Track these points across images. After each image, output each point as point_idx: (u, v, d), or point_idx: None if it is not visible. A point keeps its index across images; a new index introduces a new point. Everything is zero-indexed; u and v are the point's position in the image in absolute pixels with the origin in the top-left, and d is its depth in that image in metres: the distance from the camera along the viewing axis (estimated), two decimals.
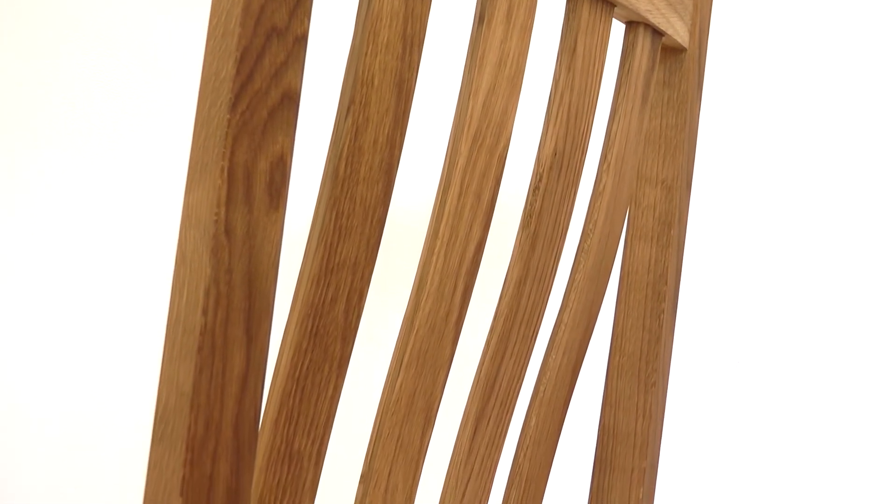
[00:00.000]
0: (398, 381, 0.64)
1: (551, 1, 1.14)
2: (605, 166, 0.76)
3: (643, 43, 0.78)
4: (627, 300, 0.83)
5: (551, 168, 0.70)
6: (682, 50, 0.84)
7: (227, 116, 0.49)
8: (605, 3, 0.73)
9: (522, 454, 0.76)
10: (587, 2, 0.71)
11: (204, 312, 0.48)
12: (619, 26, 0.79)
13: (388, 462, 0.65)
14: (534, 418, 0.76)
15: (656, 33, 0.79)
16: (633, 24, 0.78)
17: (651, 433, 0.82)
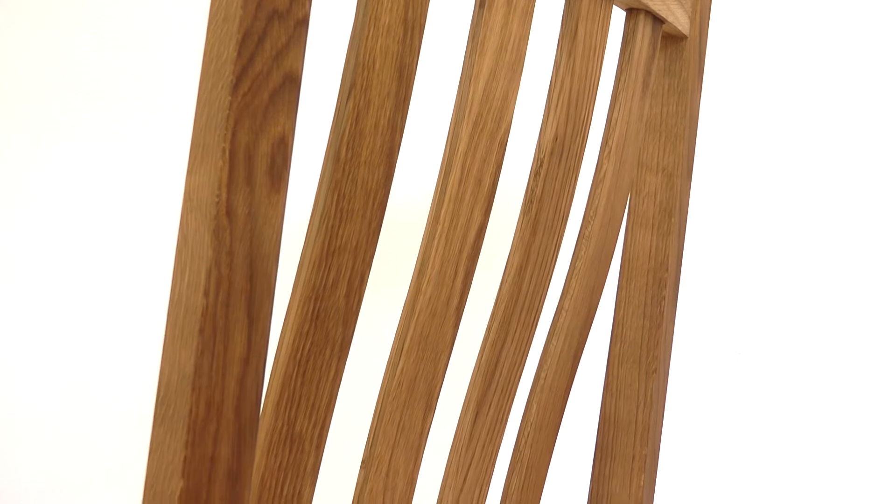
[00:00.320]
0: (399, 366, 0.64)
1: None
2: (605, 153, 0.76)
3: (644, 30, 0.78)
4: (628, 288, 0.83)
5: (552, 153, 0.70)
6: (682, 38, 0.84)
7: (229, 98, 0.49)
8: None
9: (523, 441, 0.77)
10: None
11: (205, 294, 0.49)
12: (619, 13, 0.79)
13: (390, 447, 0.65)
14: (535, 405, 0.76)
15: (657, 20, 0.79)
16: (633, 11, 0.78)
17: (652, 421, 0.82)
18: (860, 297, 1.23)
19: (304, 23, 0.51)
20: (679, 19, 0.82)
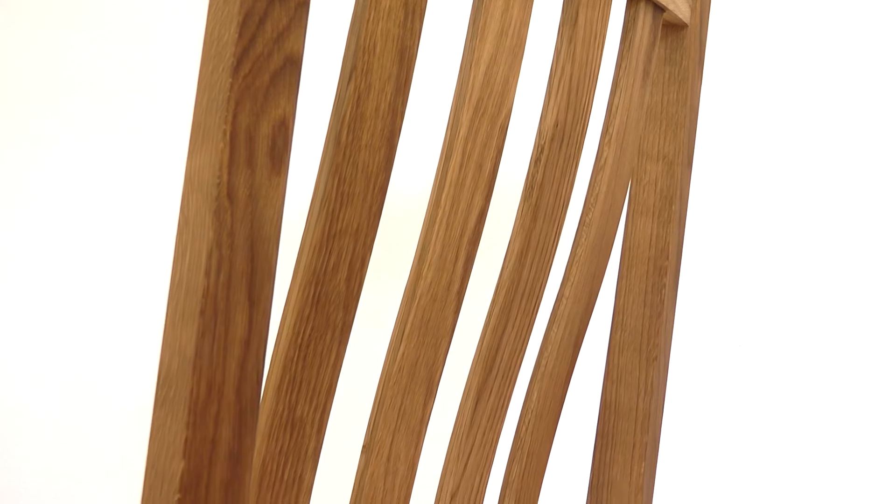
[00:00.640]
0: (400, 351, 0.64)
1: None
2: (606, 140, 0.76)
3: (644, 18, 0.78)
4: (629, 276, 0.83)
5: (552, 139, 0.70)
6: (683, 26, 0.84)
7: (230, 80, 0.49)
8: None
9: (524, 428, 0.77)
10: None
11: (206, 275, 0.49)
12: (620, 1, 0.79)
13: (391, 432, 0.65)
14: (535, 392, 0.76)
15: (658, 9, 0.79)
16: None
17: (652, 408, 0.82)
18: (861, 286, 1.23)
19: (304, 5, 0.51)
20: (680, 7, 0.82)
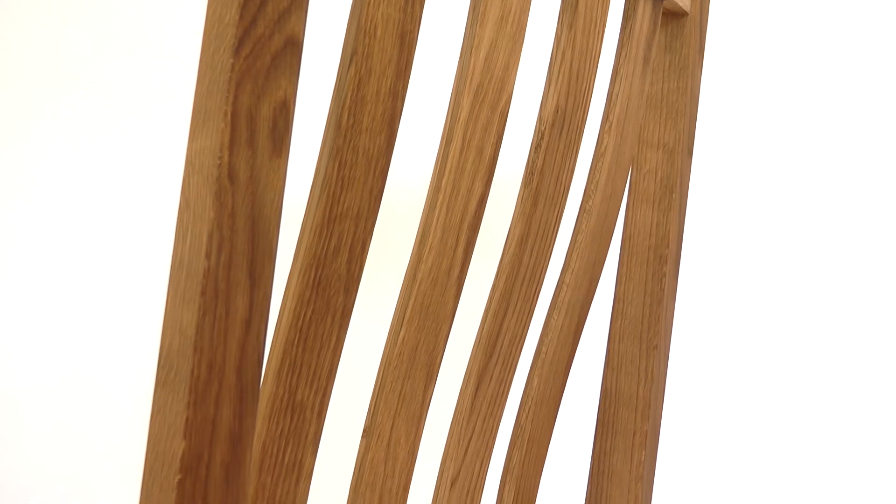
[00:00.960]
0: (400, 335, 0.64)
1: None
2: (606, 127, 0.76)
3: (644, 6, 0.78)
4: (629, 264, 0.83)
5: (553, 125, 0.70)
6: (683, 14, 0.84)
7: (231, 61, 0.49)
8: None
9: (525, 415, 0.77)
10: None
11: (207, 256, 0.49)
12: None
13: (391, 416, 0.65)
14: (536, 379, 0.76)
15: None
16: None
17: (653, 396, 0.82)
18: (860, 272, 1.23)
19: None
20: None
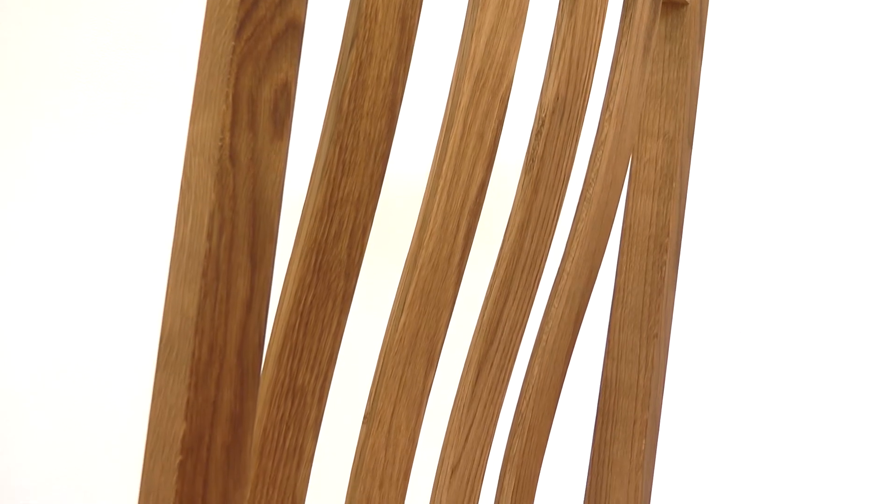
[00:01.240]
0: (401, 321, 0.64)
1: None
2: (606, 115, 0.76)
3: None
4: (629, 253, 0.84)
5: (553, 112, 0.70)
6: (683, 4, 0.84)
7: (233, 43, 0.49)
8: None
9: (525, 403, 0.77)
10: None
11: (209, 237, 0.49)
12: None
13: (392, 402, 0.65)
14: (536, 367, 0.77)
15: None
16: None
17: (653, 385, 0.82)
18: (862, 261, 1.23)
19: None
20: None
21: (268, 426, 0.58)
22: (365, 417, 0.65)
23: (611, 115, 0.76)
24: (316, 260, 0.58)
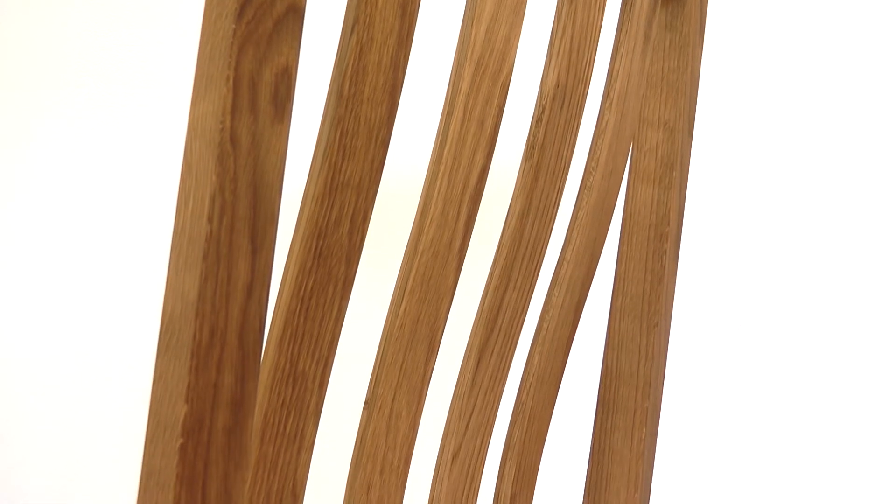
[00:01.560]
0: (402, 307, 0.64)
1: None
2: (607, 104, 0.77)
3: None
4: (630, 242, 0.84)
5: (554, 100, 0.70)
6: None
7: (233, 26, 0.49)
8: None
9: (525, 391, 0.77)
10: None
11: (209, 220, 0.49)
12: None
13: (392, 389, 0.65)
14: (537, 356, 0.77)
15: None
16: None
17: (653, 374, 0.82)
18: (864, 249, 1.23)
19: None
20: None
21: (268, 412, 0.58)
22: (366, 403, 0.65)
23: (611, 104, 0.76)
24: (317, 245, 0.58)
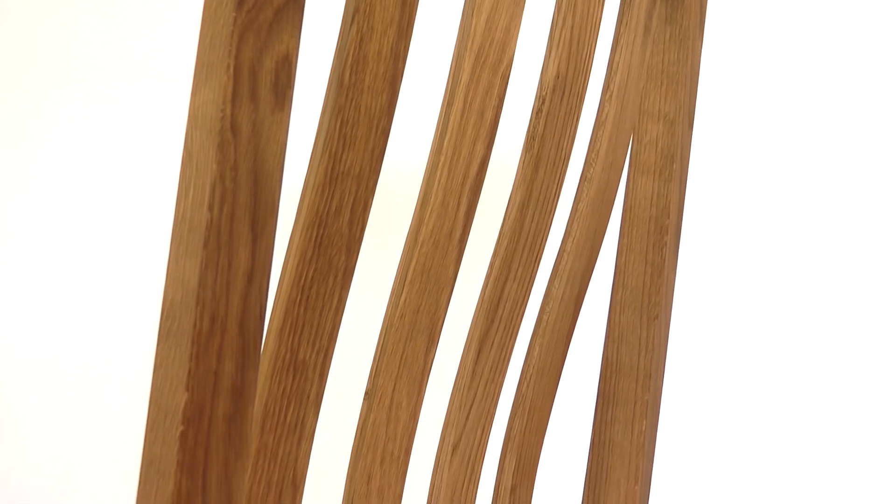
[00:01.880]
0: (402, 298, 0.64)
1: None
2: (607, 96, 0.77)
3: None
4: (630, 234, 0.84)
5: (554, 91, 0.70)
6: None
7: (234, 15, 0.49)
8: None
9: (526, 383, 0.77)
10: None
11: (210, 208, 0.49)
12: None
13: (392, 379, 0.65)
14: (537, 347, 0.77)
15: None
16: None
17: (654, 367, 0.82)
18: (864, 243, 1.23)
19: None
20: None
21: (269, 401, 0.59)
22: (366, 394, 0.65)
23: (611, 96, 0.77)
24: (317, 234, 0.58)
